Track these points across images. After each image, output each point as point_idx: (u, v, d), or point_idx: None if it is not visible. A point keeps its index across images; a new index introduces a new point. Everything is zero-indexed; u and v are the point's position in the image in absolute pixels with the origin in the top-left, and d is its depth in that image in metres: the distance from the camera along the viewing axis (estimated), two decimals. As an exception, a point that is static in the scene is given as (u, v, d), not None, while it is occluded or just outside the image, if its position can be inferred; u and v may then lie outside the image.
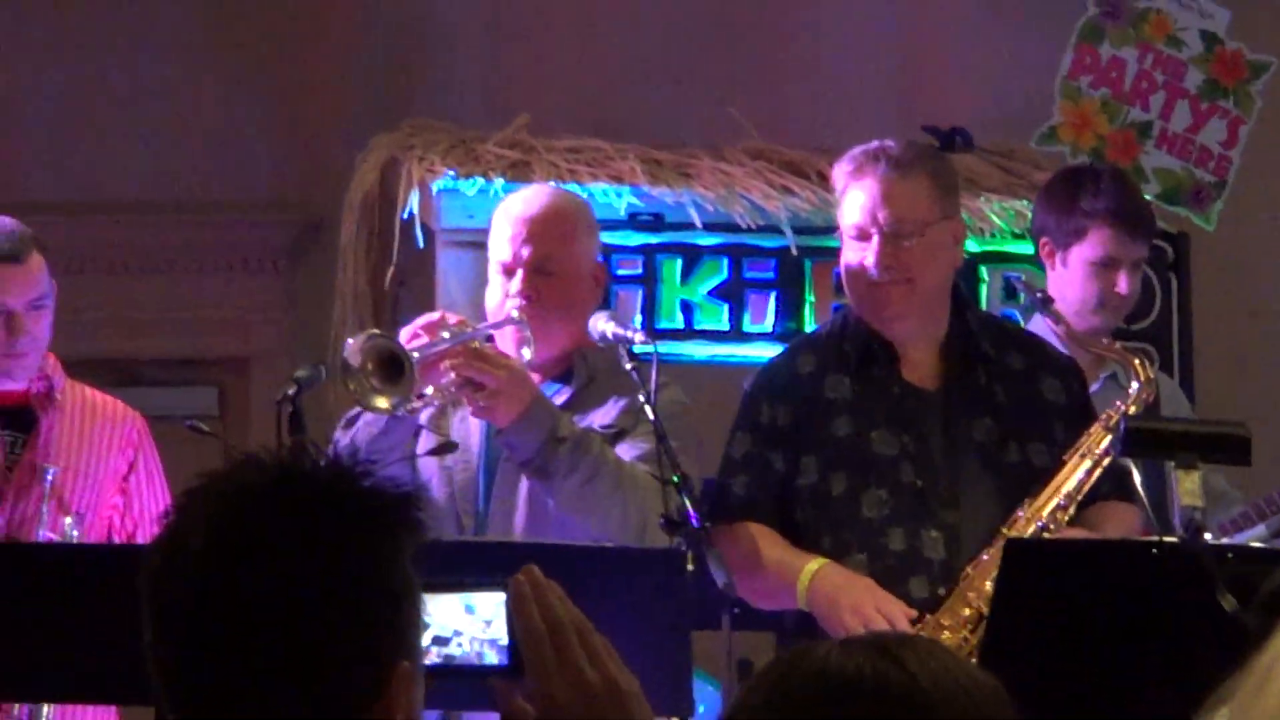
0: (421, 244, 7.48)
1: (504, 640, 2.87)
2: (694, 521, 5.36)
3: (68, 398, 6.30)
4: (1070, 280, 6.60)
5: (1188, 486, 5.34)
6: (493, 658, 2.88)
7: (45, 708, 5.93)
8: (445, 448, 5.65)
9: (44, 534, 5.94)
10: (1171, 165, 8.06)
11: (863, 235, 5.87)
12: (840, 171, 5.99)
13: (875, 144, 6.07)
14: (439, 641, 3.16)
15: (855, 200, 5.90)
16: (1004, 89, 8.24)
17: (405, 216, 7.49)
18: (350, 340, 5.66)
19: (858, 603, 5.59)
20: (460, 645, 2.91)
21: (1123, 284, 6.61)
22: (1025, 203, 7.52)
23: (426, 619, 3.08)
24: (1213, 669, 2.62)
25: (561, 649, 2.77)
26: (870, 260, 5.84)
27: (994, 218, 7.47)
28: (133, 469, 6.18)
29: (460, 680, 2.97)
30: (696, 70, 8.17)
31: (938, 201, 6.00)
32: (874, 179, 5.89)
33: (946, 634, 5.50)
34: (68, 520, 6.01)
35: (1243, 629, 4.35)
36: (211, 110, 7.91)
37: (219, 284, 7.51)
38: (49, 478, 6.07)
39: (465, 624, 2.90)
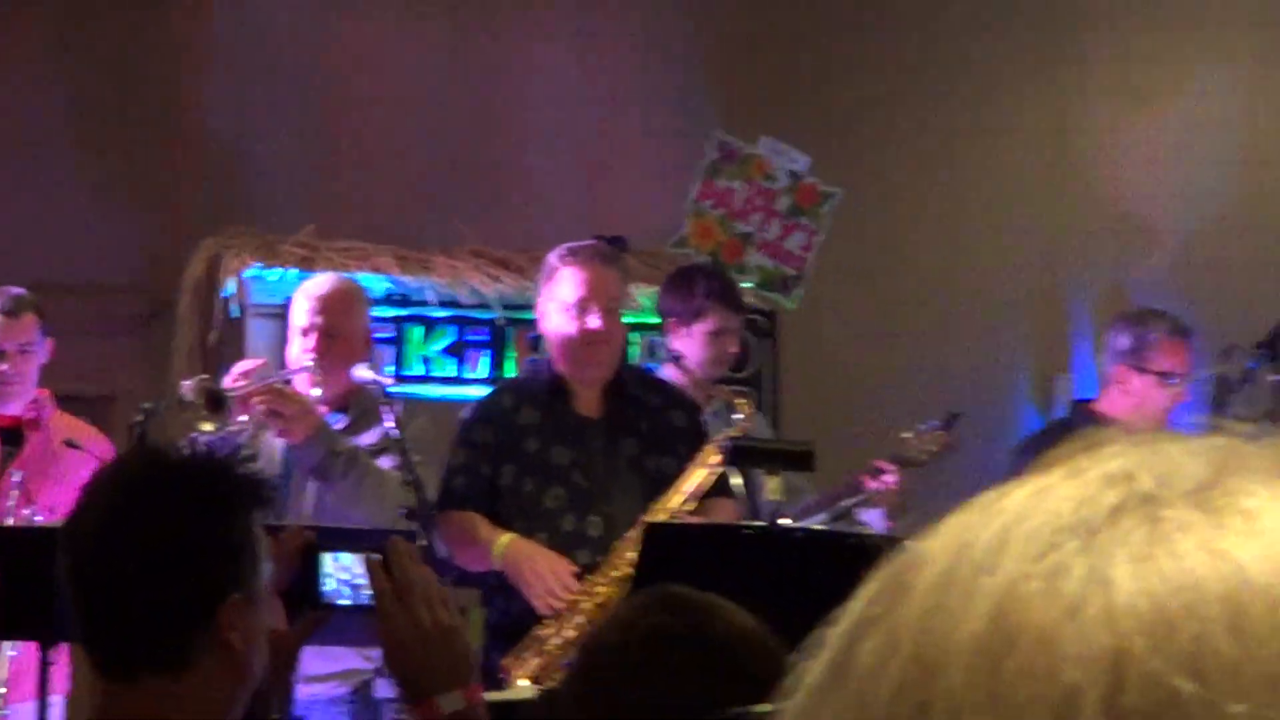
0: (236, 315, 7.50)
1: None
2: (426, 510, 5.44)
3: (54, 424, 6.34)
4: (693, 345, 6.56)
5: (771, 486, 5.50)
6: None
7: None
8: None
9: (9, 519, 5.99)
10: (766, 263, 8.21)
11: (581, 307, 5.85)
12: (557, 259, 5.97)
13: (586, 243, 6.14)
14: (352, 587, 3.30)
15: (573, 281, 5.89)
16: (650, 207, 8.24)
17: (224, 295, 7.51)
18: (186, 382, 5.69)
19: (536, 564, 5.63)
20: (366, 590, 2.89)
21: (731, 347, 6.65)
22: (663, 289, 7.51)
23: (327, 571, 3.23)
24: (799, 628, 2.64)
25: (405, 598, 2.81)
26: (594, 325, 5.83)
27: (641, 299, 7.48)
28: None
29: (364, 616, 2.94)
30: (434, 190, 8.10)
31: (621, 285, 6.10)
32: (587, 267, 5.90)
33: (601, 588, 5.53)
34: (27, 510, 6.04)
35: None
36: (88, 211, 7.85)
37: (95, 341, 7.48)
38: (15, 479, 6.13)
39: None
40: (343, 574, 3.29)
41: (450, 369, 7.77)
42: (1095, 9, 8.42)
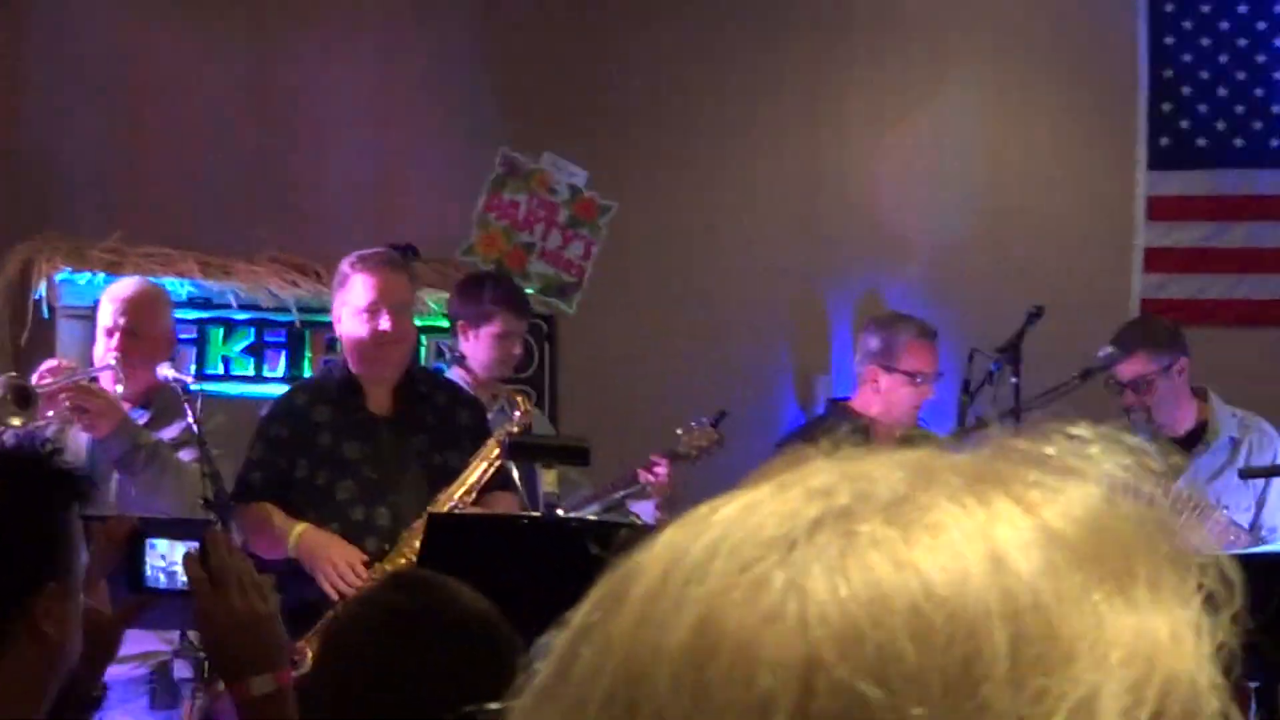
0: (47, 316, 7.44)
1: None
2: (224, 501, 5.48)
3: None
4: (480, 347, 6.60)
5: (548, 479, 5.56)
6: None
7: None
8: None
9: None
10: (547, 271, 8.25)
11: (372, 311, 5.87)
12: (349, 266, 5.98)
13: (377, 250, 6.17)
14: (168, 574, 3.32)
15: (364, 286, 5.91)
16: (440, 218, 8.24)
17: (36, 298, 7.44)
18: (-4, 379, 5.62)
19: (328, 552, 5.67)
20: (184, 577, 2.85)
21: (516, 349, 6.71)
22: (452, 294, 7.41)
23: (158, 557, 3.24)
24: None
25: (220, 586, 2.88)
26: (385, 326, 5.85)
27: (431, 304, 7.48)
28: None
29: (182, 601, 2.94)
30: (235, 199, 8.05)
31: (410, 290, 6.15)
32: (378, 273, 5.92)
33: (390, 573, 5.59)
34: None
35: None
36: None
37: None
38: None
39: None
40: (159, 561, 3.33)
41: (249, 368, 7.73)
42: (853, 38, 8.50)
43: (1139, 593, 0.83)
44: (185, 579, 2.88)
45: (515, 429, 5.99)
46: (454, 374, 6.62)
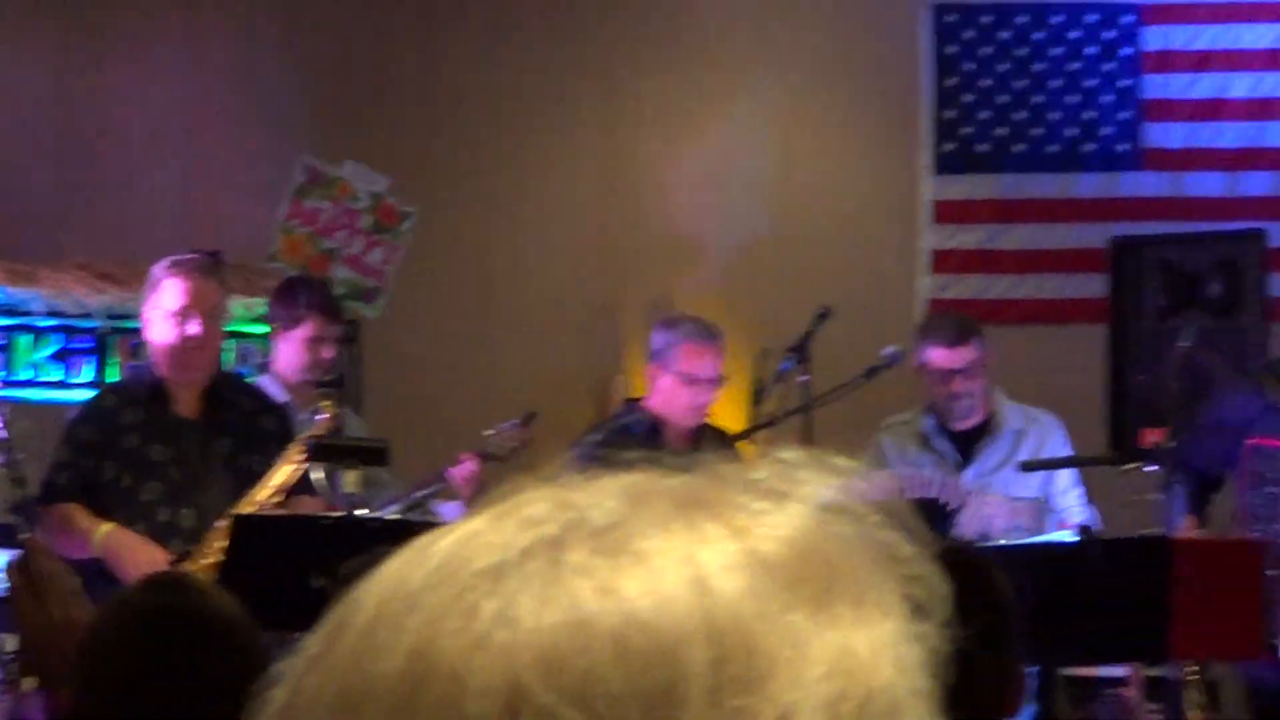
0: None
1: None
2: (29, 505, 5.44)
3: None
4: (292, 350, 6.63)
5: (350, 480, 5.66)
6: None
7: None
8: None
9: None
10: (350, 276, 8.30)
11: (182, 315, 5.86)
12: (161, 271, 5.96)
13: (189, 256, 6.15)
14: None
15: (174, 291, 5.90)
16: (244, 224, 8.28)
17: None
18: None
19: (133, 553, 5.65)
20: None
21: (326, 353, 6.69)
22: (257, 300, 7.48)
23: None
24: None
25: (39, 594, 2.83)
26: (194, 331, 5.85)
27: (238, 310, 7.40)
28: None
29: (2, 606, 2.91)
30: (41, 207, 8.08)
31: (220, 295, 6.12)
32: (189, 278, 5.91)
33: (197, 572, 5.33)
34: None
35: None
36: None
37: None
38: None
39: None
40: None
41: (56, 374, 7.72)
42: (645, 47, 8.62)
43: (841, 609, 0.84)
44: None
45: (319, 431, 6.01)
46: (265, 379, 6.68)
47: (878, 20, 8.64)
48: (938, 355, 6.63)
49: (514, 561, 0.83)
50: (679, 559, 0.82)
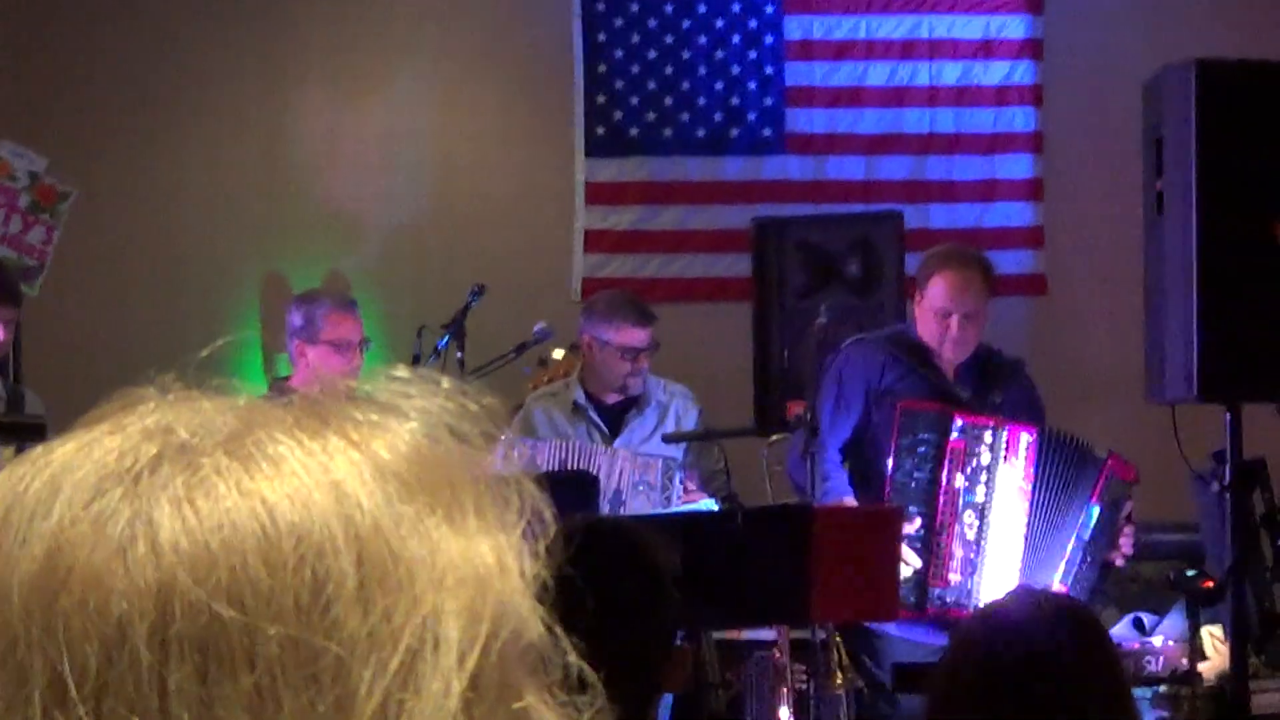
0: None
1: None
2: None
3: None
4: None
5: (6, 456, 5.59)
6: None
7: None
8: None
9: None
10: (9, 255, 8.08)
11: None
12: None
13: None
14: None
15: None
16: None
17: None
18: None
19: None
20: None
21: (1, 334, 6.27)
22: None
23: None
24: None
25: None
26: None
27: None
28: None
29: None
30: None
31: None
32: None
33: None
34: None
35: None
36: None
37: None
38: None
39: None
40: None
41: None
42: (308, 29, 8.57)
43: (467, 521, 0.85)
44: None
45: None
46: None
47: (531, 8, 8.71)
48: (626, 335, 6.70)
49: (146, 466, 0.82)
50: (313, 465, 0.83)
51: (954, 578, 5.92)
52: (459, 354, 7.01)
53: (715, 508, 5.50)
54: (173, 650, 0.78)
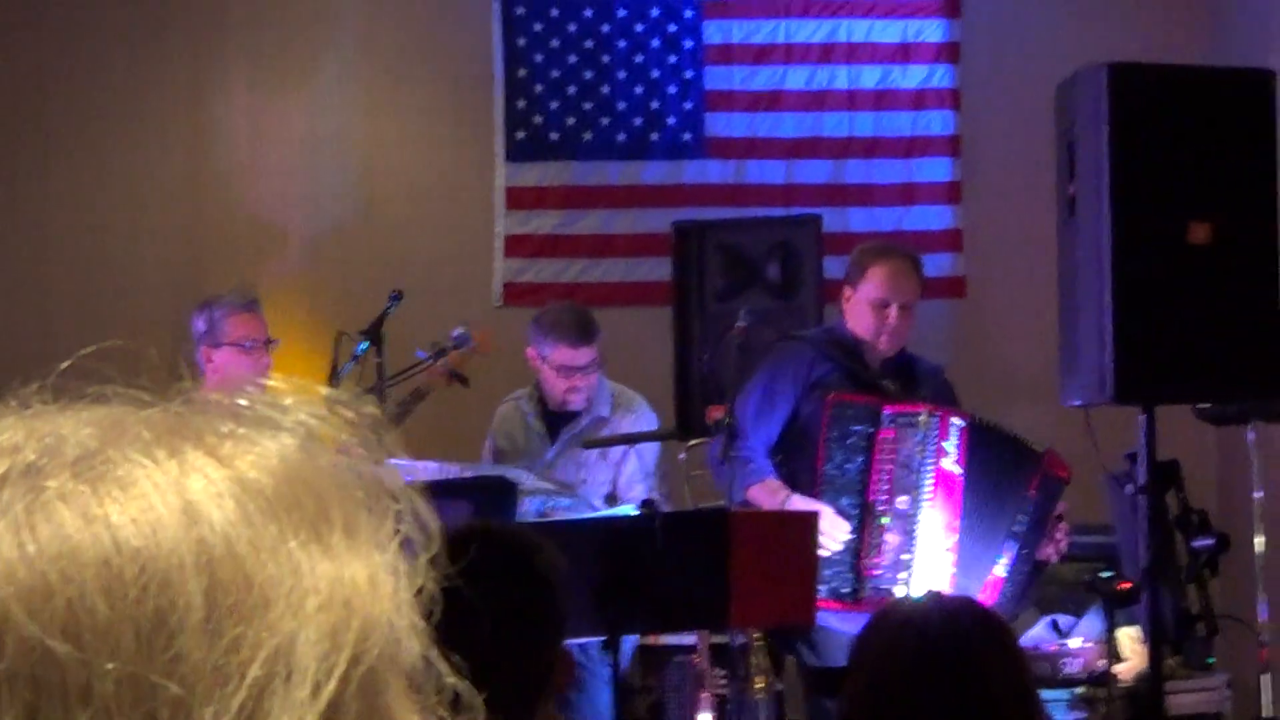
0: None
1: None
2: None
3: None
4: None
5: None
6: None
7: None
8: None
9: None
10: None
11: None
12: None
13: None
14: None
15: None
16: None
17: None
18: None
19: None
20: None
21: None
22: None
23: None
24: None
25: None
26: None
27: None
28: None
29: None
30: None
31: None
32: None
33: None
34: None
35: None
36: None
37: None
38: None
39: None
40: None
41: None
42: (229, 35, 8.53)
43: (335, 540, 0.82)
44: None
45: None
46: None
47: (451, 12, 8.69)
48: (561, 354, 6.66)
49: None
50: (165, 486, 0.79)
51: (888, 568, 5.87)
52: (377, 359, 6.94)
53: (633, 512, 5.45)
54: (2, 688, 0.74)
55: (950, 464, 5.95)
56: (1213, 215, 5.19)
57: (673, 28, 8.70)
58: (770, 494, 5.91)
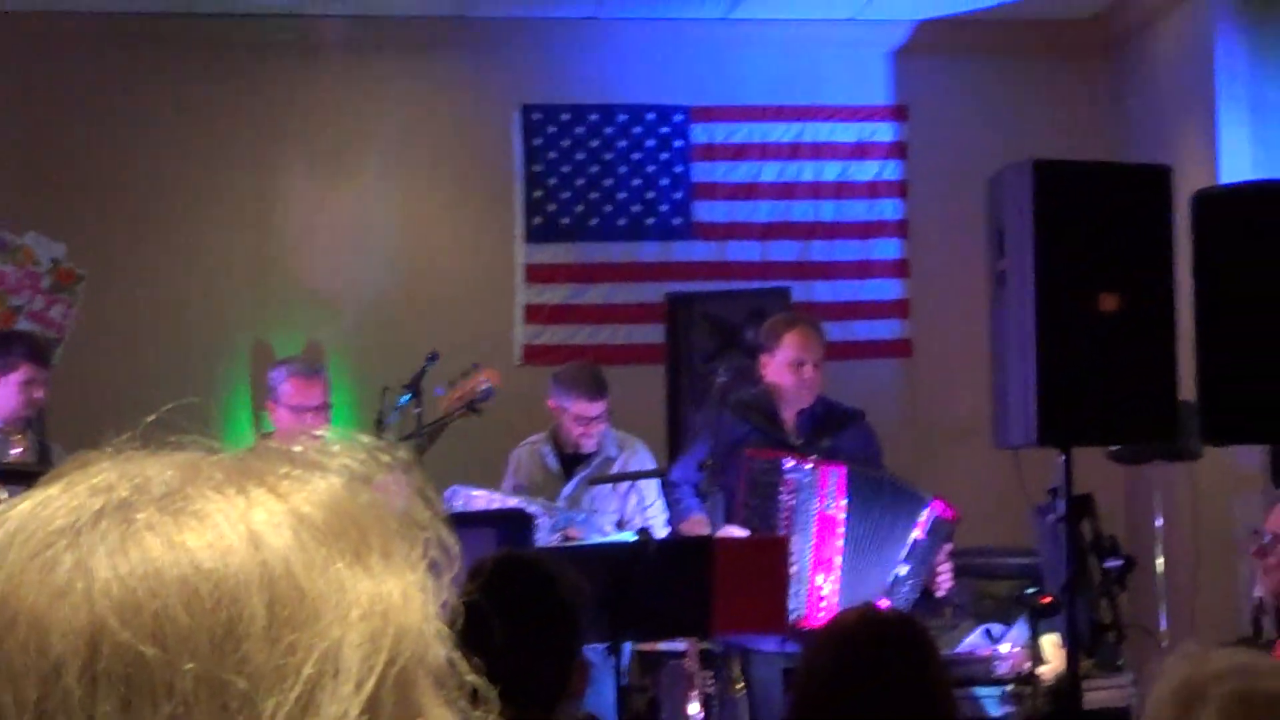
0: None
1: None
2: None
3: None
4: (6, 393, 6.33)
5: None
6: None
7: None
8: None
9: None
10: (34, 329, 7.95)
11: None
12: None
13: None
14: None
15: None
16: None
17: None
18: None
19: None
20: None
21: (38, 394, 6.37)
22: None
23: None
24: None
25: None
26: None
27: None
28: None
29: None
30: None
31: None
32: None
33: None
34: None
35: None
36: None
37: None
38: None
39: None
40: None
41: None
42: (291, 138, 8.54)
43: (374, 561, 0.83)
44: None
45: (13, 463, 6.03)
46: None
47: (478, 116, 8.71)
48: (579, 406, 6.66)
49: (89, 520, 0.80)
50: (234, 518, 0.81)
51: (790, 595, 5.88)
52: (417, 410, 6.95)
53: (632, 539, 5.46)
54: (100, 685, 0.76)
55: (832, 506, 5.97)
56: (1120, 287, 5.20)
57: (665, 130, 8.74)
58: (691, 527, 6.06)
